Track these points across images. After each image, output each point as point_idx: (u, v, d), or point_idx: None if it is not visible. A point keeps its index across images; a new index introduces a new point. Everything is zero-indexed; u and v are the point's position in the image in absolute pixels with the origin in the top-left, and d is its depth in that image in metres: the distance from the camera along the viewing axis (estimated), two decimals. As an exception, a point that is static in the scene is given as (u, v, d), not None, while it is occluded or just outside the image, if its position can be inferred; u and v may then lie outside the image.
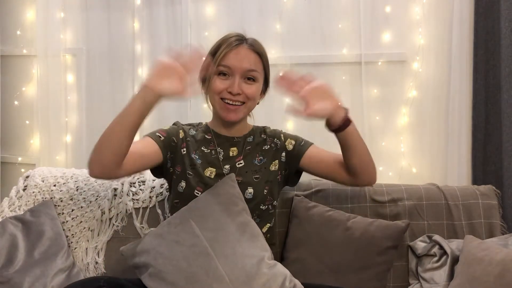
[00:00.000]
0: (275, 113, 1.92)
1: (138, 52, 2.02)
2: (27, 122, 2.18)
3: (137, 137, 1.14)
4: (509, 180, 1.58)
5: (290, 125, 1.92)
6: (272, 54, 1.91)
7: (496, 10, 1.65)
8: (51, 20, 2.04)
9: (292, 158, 1.33)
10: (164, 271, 1.07)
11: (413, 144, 1.85)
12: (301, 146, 1.34)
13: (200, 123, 1.38)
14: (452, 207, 1.47)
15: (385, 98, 1.86)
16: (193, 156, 1.27)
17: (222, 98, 1.23)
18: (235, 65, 1.22)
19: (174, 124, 1.35)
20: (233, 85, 1.21)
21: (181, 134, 1.30)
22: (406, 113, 1.84)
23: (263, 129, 1.39)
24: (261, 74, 1.27)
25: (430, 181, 1.66)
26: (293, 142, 1.35)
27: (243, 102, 1.24)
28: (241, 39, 1.25)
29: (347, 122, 1.14)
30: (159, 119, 2.04)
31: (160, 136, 1.25)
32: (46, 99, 2.05)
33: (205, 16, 1.97)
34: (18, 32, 2.16)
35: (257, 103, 1.32)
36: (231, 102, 1.23)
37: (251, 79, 1.24)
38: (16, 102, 2.18)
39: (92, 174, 1.09)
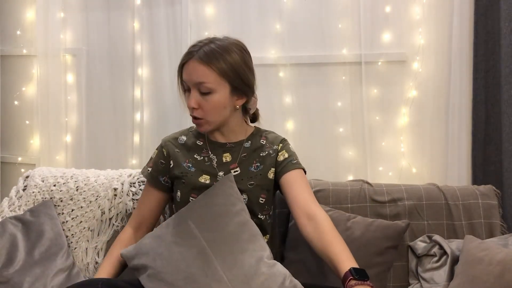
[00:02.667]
0: (275, 113, 1.92)
1: (138, 52, 2.02)
2: (27, 122, 2.18)
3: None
4: (509, 180, 1.58)
5: (290, 125, 1.92)
6: (272, 54, 1.91)
7: (496, 10, 1.65)
8: (51, 20, 2.04)
9: (277, 169, 1.29)
10: (162, 272, 1.07)
11: (413, 143, 1.85)
12: (291, 162, 1.28)
13: (191, 127, 1.37)
14: (452, 207, 1.47)
15: (385, 98, 1.86)
16: (185, 165, 1.27)
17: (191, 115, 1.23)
18: (187, 79, 1.20)
19: (158, 147, 1.34)
20: (189, 101, 1.20)
21: (165, 152, 1.31)
22: (406, 113, 1.84)
23: (265, 134, 1.35)
24: (218, 84, 1.17)
25: (430, 181, 1.66)
26: (286, 155, 1.29)
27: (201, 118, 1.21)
28: (191, 52, 1.19)
29: None
30: (158, 117, 2.04)
31: (150, 171, 1.33)
32: (46, 99, 2.05)
33: (205, 16, 1.97)
34: (18, 32, 2.16)
35: (237, 108, 1.25)
36: (195, 117, 1.22)
37: (204, 93, 1.19)
38: (16, 102, 2.18)
39: None
